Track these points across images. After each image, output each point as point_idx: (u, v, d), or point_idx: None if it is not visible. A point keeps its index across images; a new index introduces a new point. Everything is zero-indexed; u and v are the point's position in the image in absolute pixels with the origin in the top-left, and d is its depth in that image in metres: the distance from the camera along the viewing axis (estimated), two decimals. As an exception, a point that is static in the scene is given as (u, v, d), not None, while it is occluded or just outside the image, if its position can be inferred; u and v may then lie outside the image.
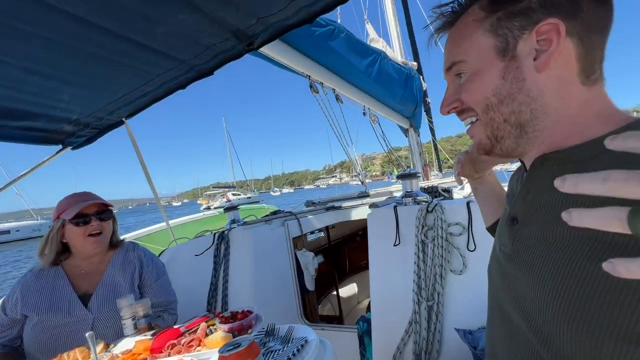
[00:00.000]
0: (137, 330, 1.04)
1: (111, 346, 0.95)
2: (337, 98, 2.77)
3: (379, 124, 3.69)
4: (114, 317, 1.16)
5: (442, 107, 0.52)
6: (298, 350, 0.69)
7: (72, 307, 1.16)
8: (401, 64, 3.38)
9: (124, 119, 1.91)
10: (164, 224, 2.62)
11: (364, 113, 3.25)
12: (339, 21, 2.15)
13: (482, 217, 0.79)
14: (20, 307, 1.15)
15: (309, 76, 2.30)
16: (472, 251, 1.16)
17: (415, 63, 3.99)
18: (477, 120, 0.49)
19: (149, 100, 1.80)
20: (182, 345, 0.83)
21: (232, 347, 0.49)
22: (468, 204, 1.21)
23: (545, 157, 0.46)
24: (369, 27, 4.06)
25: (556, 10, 0.41)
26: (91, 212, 1.26)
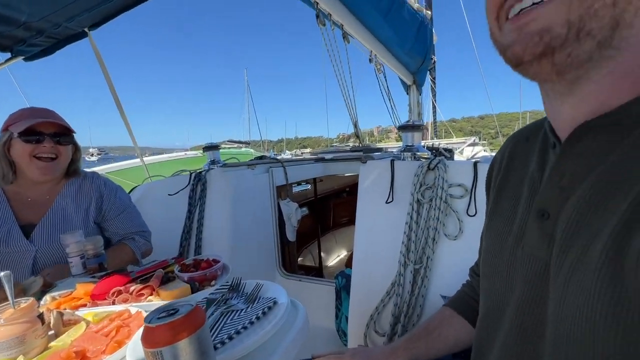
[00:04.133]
0: (86, 271, 0.92)
1: (52, 286, 0.82)
2: (344, 37, 2.45)
3: (384, 76, 3.39)
4: (61, 252, 1.03)
5: None
6: (264, 312, 0.57)
7: (11, 236, 1.02)
8: (415, 10, 3.01)
9: (86, 30, 1.61)
10: (138, 160, 2.43)
11: (370, 59, 2.94)
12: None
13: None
14: None
15: (317, 3, 1.97)
16: (471, 216, 1.05)
17: (429, 12, 3.59)
18: None
19: (117, 6, 1.50)
20: (131, 294, 0.71)
21: (164, 314, 0.36)
22: (475, 164, 1.07)
23: (588, 126, 0.34)
24: None
25: None
26: (47, 131, 1.06)
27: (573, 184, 0.36)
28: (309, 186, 2.94)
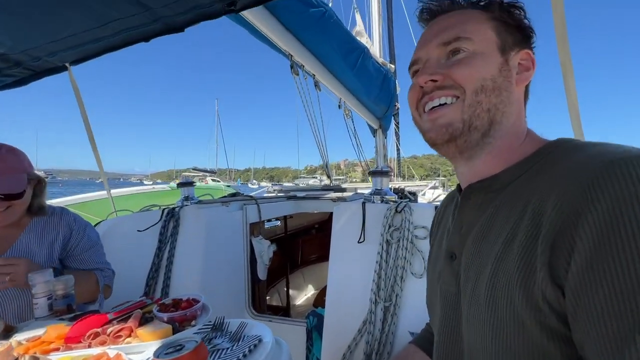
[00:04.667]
0: (53, 313, 0.87)
1: (14, 330, 0.78)
2: (316, 85, 2.68)
3: (352, 120, 3.67)
4: (21, 293, 0.97)
5: (423, 75, 0.49)
6: (250, 350, 0.60)
7: None
8: (380, 64, 3.37)
9: (67, 65, 1.63)
10: (104, 192, 2.33)
11: (339, 105, 3.19)
12: (330, 5, 2.06)
13: None
14: None
15: (291, 55, 2.17)
16: (434, 256, 1.15)
17: (392, 66, 4.02)
18: (455, 101, 0.47)
19: (101, 47, 1.55)
20: (108, 335, 0.70)
21: (172, 350, 0.39)
22: (436, 207, 1.20)
23: (471, 188, 0.50)
24: (358, 18, 3.99)
25: (531, 49, 0.50)
26: None
27: (468, 230, 0.48)
28: (279, 222, 2.96)
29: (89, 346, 0.67)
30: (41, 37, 1.41)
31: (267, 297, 2.83)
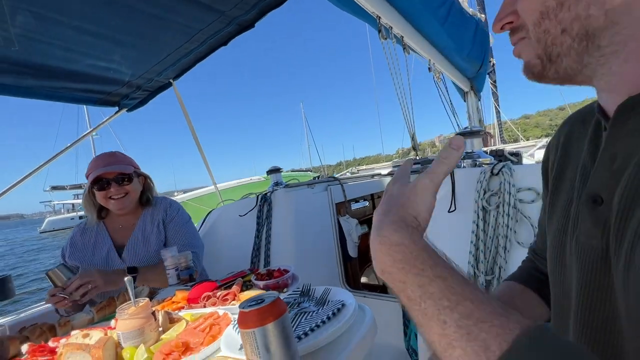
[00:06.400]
0: (180, 281, 1.07)
1: (156, 293, 0.98)
2: (404, 48, 2.50)
3: (444, 83, 3.35)
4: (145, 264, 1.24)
5: (495, 23, 0.42)
6: (334, 313, 0.62)
7: (110, 258, 1.27)
8: (470, 14, 2.94)
9: (171, 81, 1.94)
10: (212, 187, 2.73)
11: (429, 68, 2.94)
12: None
13: None
14: (68, 259, 1.29)
15: (379, 18, 2.06)
16: (547, 221, 0.97)
17: (483, 15, 3.47)
18: (525, 37, 0.39)
19: (193, 59, 1.78)
20: (218, 298, 0.82)
21: (254, 303, 0.43)
22: (546, 165, 1.00)
23: (635, 102, 0.33)
24: None
25: None
26: (110, 176, 1.27)
27: (625, 165, 0.34)
28: (367, 203, 2.94)
29: (204, 306, 0.80)
30: (150, 61, 1.71)
31: (364, 279, 2.88)
